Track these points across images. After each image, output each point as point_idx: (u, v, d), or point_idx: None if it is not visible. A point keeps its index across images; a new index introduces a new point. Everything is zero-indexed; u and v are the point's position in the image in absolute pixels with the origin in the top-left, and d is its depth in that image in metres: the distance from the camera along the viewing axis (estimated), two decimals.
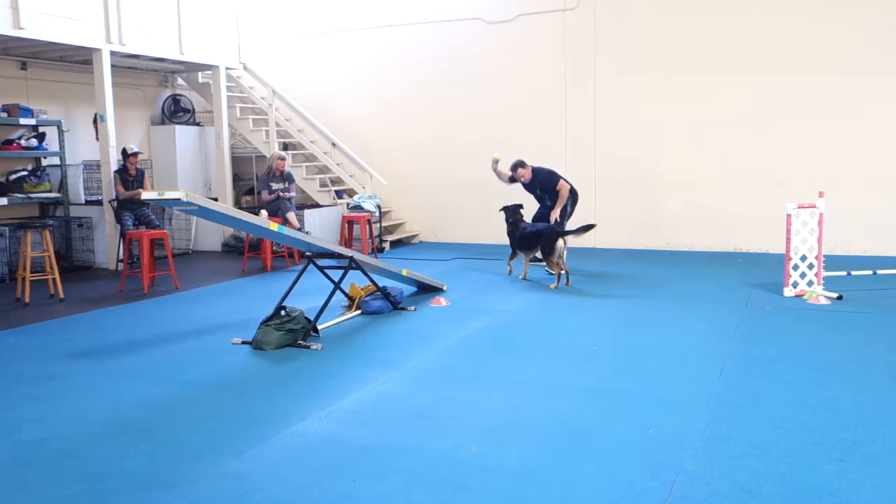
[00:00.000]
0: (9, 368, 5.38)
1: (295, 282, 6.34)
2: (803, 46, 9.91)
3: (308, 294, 6.96)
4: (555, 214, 8.70)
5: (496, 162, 9.24)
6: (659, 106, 10.70)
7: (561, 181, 8.84)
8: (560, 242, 8.05)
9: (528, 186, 9.05)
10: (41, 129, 9.99)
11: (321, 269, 6.66)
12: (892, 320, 6.25)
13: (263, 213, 9.83)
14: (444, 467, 3.53)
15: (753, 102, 10.20)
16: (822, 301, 6.97)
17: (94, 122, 10.12)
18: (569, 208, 8.95)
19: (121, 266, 9.40)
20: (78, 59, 10.38)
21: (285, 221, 9.77)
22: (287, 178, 10.41)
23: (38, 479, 3.50)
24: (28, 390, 4.86)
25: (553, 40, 11.22)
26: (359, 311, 6.93)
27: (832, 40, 9.77)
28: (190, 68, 11.87)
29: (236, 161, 12.58)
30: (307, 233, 9.62)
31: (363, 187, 11.95)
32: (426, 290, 7.87)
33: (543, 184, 8.91)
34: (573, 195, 9.00)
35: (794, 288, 7.33)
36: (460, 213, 12.10)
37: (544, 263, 8.59)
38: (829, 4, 9.77)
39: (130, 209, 9.45)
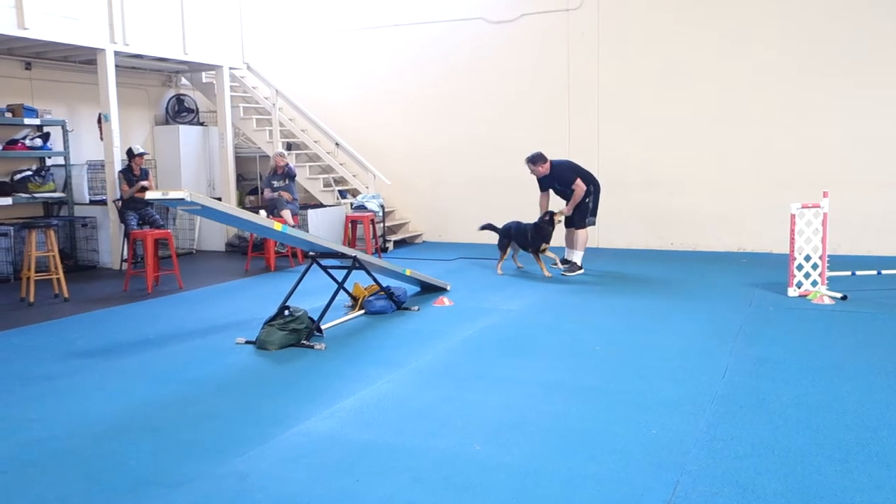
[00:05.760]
0: (13, 367, 5.39)
1: (298, 281, 6.35)
2: (808, 46, 9.89)
3: (311, 294, 6.96)
4: (566, 211, 8.64)
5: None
6: (662, 105, 10.69)
7: (578, 180, 8.62)
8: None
9: (544, 181, 8.81)
10: (45, 129, 10.02)
11: (325, 268, 6.66)
12: None
13: (262, 212, 9.86)
14: (447, 467, 3.53)
15: (757, 102, 10.19)
16: (826, 301, 6.95)
17: (99, 121, 10.14)
18: (590, 204, 8.79)
19: (125, 266, 9.42)
20: (82, 59, 10.40)
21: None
22: (288, 175, 10.42)
23: (41, 478, 3.51)
24: (32, 389, 4.87)
25: (556, 40, 11.21)
26: (362, 311, 6.93)
27: (837, 40, 9.76)
28: (194, 68, 11.89)
29: (240, 161, 12.60)
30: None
31: (367, 187, 11.96)
32: (429, 289, 7.87)
33: (560, 180, 8.69)
34: (595, 187, 8.84)
35: (798, 288, 7.31)
36: (464, 213, 12.09)
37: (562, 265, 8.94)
38: (832, 5, 9.75)
39: (134, 209, 9.47)
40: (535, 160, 8.66)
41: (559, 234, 9.03)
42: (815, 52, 9.87)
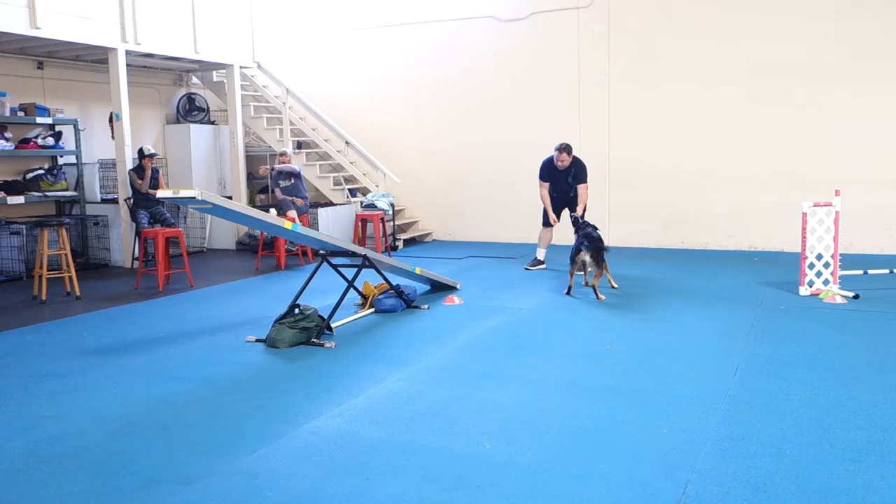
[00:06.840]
0: (26, 365, 5.43)
1: (309, 280, 6.37)
2: (820, 44, 9.84)
3: (322, 292, 6.98)
4: (578, 212, 8.54)
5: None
6: (673, 103, 10.65)
7: (586, 183, 8.73)
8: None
9: (560, 174, 8.77)
10: (57, 128, 10.08)
11: (335, 267, 6.67)
12: None
13: (272, 211, 9.89)
14: (456, 465, 3.53)
15: (769, 99, 10.14)
16: (838, 300, 6.92)
17: (110, 120, 10.20)
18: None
19: (136, 264, 9.47)
20: (94, 59, 10.46)
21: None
22: (291, 173, 10.40)
23: (54, 475, 3.53)
24: (44, 387, 4.90)
25: (566, 38, 11.19)
26: (372, 310, 6.94)
27: (849, 38, 9.70)
28: (204, 67, 11.93)
29: (250, 159, 12.63)
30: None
31: (377, 186, 11.97)
32: (439, 288, 7.87)
33: (577, 175, 8.72)
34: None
35: (810, 287, 7.28)
36: (473, 212, 12.11)
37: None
38: (845, 4, 9.69)
39: (146, 207, 9.51)
40: (571, 150, 8.70)
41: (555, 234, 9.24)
42: (827, 51, 9.81)
